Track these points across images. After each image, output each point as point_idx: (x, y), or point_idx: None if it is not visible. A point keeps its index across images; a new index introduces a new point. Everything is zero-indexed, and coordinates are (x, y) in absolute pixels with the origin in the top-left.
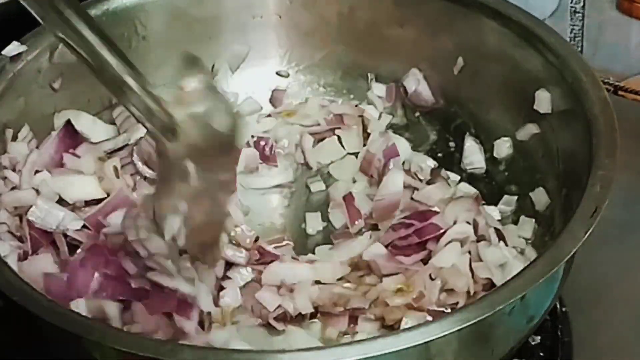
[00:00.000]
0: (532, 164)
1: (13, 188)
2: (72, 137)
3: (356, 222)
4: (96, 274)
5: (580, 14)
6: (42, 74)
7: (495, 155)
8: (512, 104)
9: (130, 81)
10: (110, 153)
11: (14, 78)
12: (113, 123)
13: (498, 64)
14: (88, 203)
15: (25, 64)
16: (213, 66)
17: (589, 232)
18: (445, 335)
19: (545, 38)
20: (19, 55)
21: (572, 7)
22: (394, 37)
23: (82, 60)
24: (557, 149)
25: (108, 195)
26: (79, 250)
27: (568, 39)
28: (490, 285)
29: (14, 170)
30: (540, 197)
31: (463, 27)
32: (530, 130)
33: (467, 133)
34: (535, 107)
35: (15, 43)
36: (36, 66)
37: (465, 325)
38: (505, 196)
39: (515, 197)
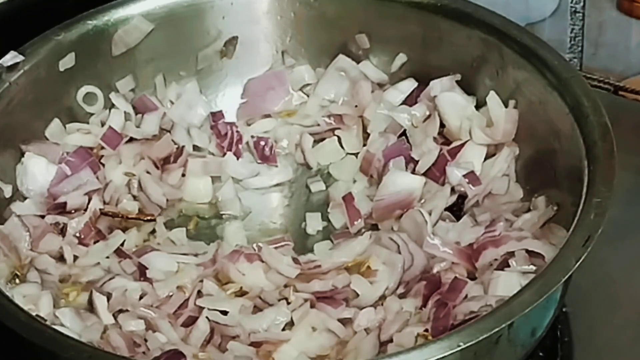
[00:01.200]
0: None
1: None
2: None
3: (355, 223)
4: None
5: (580, 14)
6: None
7: None
8: None
9: None
10: None
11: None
12: None
13: None
14: None
15: (22, 74)
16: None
17: (579, 261)
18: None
19: (549, 61)
20: (15, 65)
21: (572, 7)
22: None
23: None
24: (555, 172)
25: None
26: None
27: (568, 39)
28: None
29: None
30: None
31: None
32: None
33: None
34: None
35: (12, 53)
36: (33, 76)
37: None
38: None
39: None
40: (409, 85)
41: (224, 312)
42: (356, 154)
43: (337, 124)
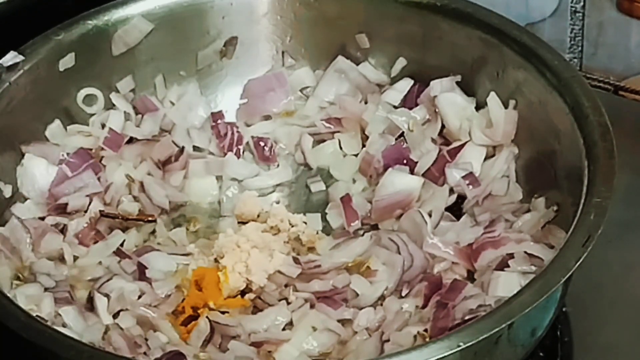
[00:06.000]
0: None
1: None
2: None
3: (353, 224)
4: None
5: (580, 14)
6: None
7: None
8: None
9: None
10: None
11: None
12: None
13: None
14: None
15: (22, 74)
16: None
17: (579, 261)
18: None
19: (549, 61)
20: (15, 65)
21: (572, 7)
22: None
23: None
24: (555, 173)
25: None
26: None
27: (568, 39)
28: None
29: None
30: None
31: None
32: None
33: None
34: None
35: (12, 53)
36: (33, 76)
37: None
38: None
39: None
40: (406, 84)
41: (224, 312)
42: (357, 154)
43: (335, 127)
